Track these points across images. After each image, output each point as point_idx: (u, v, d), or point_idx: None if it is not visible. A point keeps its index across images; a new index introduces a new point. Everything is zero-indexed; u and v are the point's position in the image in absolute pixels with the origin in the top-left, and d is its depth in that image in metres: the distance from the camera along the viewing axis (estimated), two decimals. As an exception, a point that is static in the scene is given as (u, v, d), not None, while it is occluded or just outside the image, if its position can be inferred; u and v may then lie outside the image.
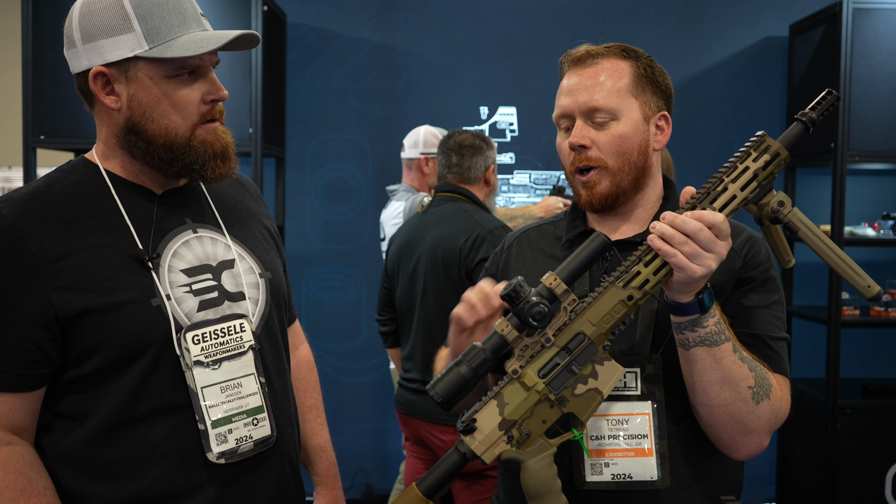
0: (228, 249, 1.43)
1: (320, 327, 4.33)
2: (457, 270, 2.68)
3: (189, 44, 1.29)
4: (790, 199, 1.25)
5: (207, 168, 1.35)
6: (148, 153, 1.33)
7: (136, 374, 1.29)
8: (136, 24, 1.28)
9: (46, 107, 3.57)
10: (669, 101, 1.48)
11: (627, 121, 1.40)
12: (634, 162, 1.41)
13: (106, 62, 1.30)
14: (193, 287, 1.36)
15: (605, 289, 1.22)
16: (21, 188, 1.34)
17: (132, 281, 1.30)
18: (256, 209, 1.58)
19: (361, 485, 4.36)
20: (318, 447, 1.66)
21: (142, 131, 1.32)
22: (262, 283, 1.46)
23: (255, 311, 1.43)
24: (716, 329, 1.25)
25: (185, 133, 1.33)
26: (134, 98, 1.31)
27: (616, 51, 1.44)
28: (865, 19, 3.69)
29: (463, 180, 2.88)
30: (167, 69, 1.30)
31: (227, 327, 1.37)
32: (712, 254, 1.19)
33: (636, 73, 1.42)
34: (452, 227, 2.74)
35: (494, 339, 1.20)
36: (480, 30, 4.30)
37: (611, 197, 1.41)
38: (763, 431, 1.32)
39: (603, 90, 1.40)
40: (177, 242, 1.37)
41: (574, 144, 1.41)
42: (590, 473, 1.35)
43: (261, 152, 3.68)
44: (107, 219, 1.33)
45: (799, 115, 1.26)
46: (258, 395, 1.39)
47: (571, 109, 1.42)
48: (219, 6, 3.60)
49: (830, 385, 3.72)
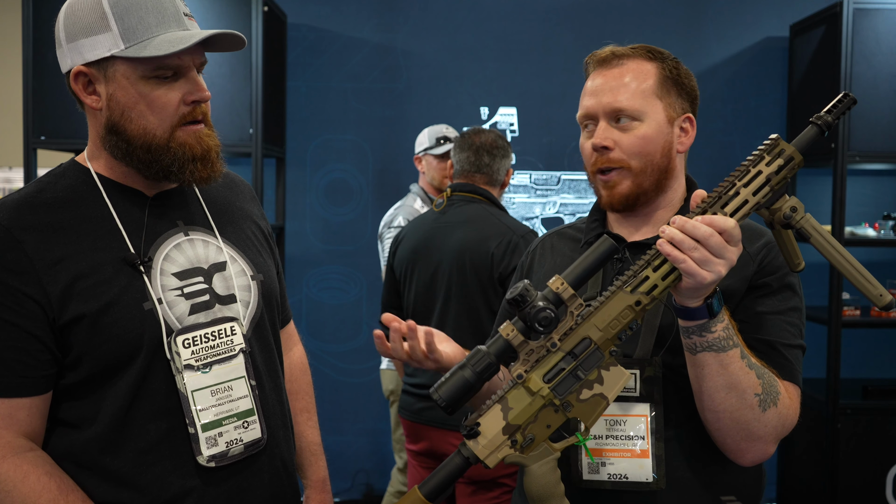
0: (220, 252, 1.43)
1: (321, 328, 4.32)
2: (488, 275, 2.61)
3: (163, 43, 1.27)
4: (803, 205, 1.22)
5: (186, 170, 1.33)
6: (128, 154, 1.33)
7: (129, 378, 1.29)
8: (113, 24, 1.27)
9: (47, 107, 3.56)
10: (695, 104, 1.47)
11: (651, 122, 1.39)
12: (657, 164, 1.40)
13: (86, 62, 1.30)
14: (185, 290, 1.36)
15: (612, 293, 1.21)
16: (12, 194, 1.34)
17: (125, 285, 1.30)
18: (250, 210, 1.57)
19: (362, 485, 4.36)
20: (309, 450, 1.65)
21: (121, 132, 1.31)
22: (253, 286, 1.45)
23: (247, 313, 1.43)
24: (724, 335, 1.24)
25: (163, 134, 1.31)
26: (113, 98, 1.30)
27: (642, 52, 1.42)
28: (866, 19, 3.69)
29: (489, 182, 2.81)
30: (144, 69, 1.29)
31: (217, 330, 1.36)
32: (722, 259, 1.17)
33: (661, 74, 1.41)
34: (481, 231, 2.66)
35: (500, 343, 1.19)
36: (481, 30, 4.29)
37: (631, 197, 1.40)
38: (769, 439, 1.30)
39: (627, 92, 1.39)
40: (168, 246, 1.37)
41: (597, 146, 1.40)
42: (587, 472, 1.35)
43: (261, 153, 3.68)
44: (99, 223, 1.32)
45: (814, 119, 1.23)
46: (249, 399, 1.38)
47: (595, 110, 1.41)
48: (219, 7, 3.60)
49: (831, 385, 3.72)
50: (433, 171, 3.58)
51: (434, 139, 3.57)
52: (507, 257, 2.60)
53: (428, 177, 3.61)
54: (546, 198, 4.32)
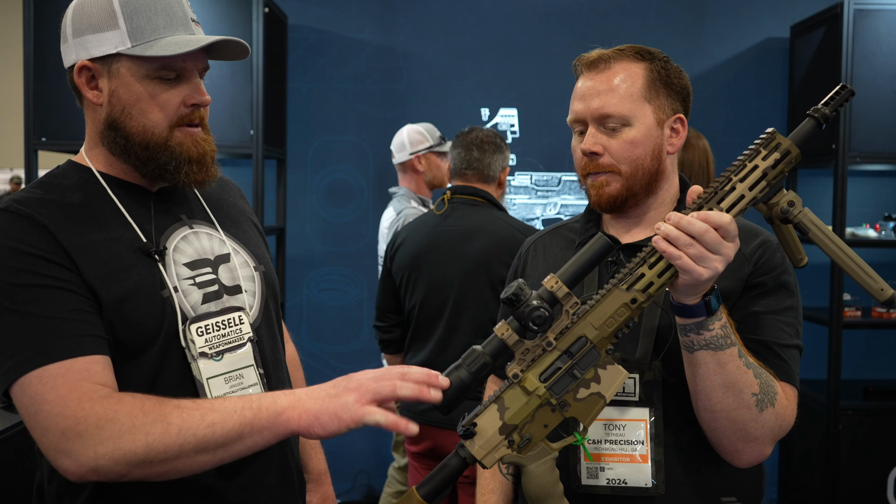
0: (223, 244, 1.45)
1: (321, 329, 4.32)
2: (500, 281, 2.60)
3: (170, 45, 1.30)
4: (800, 199, 1.21)
5: (182, 171, 1.36)
6: (126, 150, 1.35)
7: (145, 367, 1.30)
8: (122, 22, 1.30)
9: (48, 109, 3.57)
10: (686, 102, 1.45)
11: (640, 126, 1.38)
12: (647, 167, 1.39)
13: (91, 57, 1.32)
14: (197, 280, 1.38)
15: (608, 291, 1.20)
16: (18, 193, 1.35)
17: (143, 272, 1.32)
18: (243, 207, 1.60)
19: (363, 486, 4.36)
20: (308, 444, 1.67)
21: (121, 127, 1.33)
22: (257, 277, 1.48)
23: (253, 303, 1.45)
24: (722, 333, 1.23)
25: (161, 133, 1.33)
26: (115, 94, 1.32)
27: (630, 53, 1.41)
28: (866, 20, 3.68)
29: (481, 178, 2.79)
30: (148, 68, 1.31)
31: (227, 319, 1.39)
32: (719, 255, 1.16)
33: (649, 76, 1.40)
34: (492, 237, 2.65)
35: (495, 342, 1.19)
36: (481, 31, 4.29)
37: (619, 199, 1.40)
38: (766, 440, 1.29)
39: (615, 96, 1.38)
40: (176, 237, 1.39)
41: (586, 151, 1.40)
42: (585, 477, 1.35)
43: (262, 154, 3.68)
44: (108, 216, 1.34)
45: (811, 111, 1.22)
46: (258, 386, 1.40)
47: (584, 115, 1.41)
48: (220, 8, 3.60)
49: (832, 386, 3.71)
50: (435, 169, 3.53)
51: (437, 137, 3.55)
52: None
53: (428, 176, 3.54)
54: (547, 199, 4.33)
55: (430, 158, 3.53)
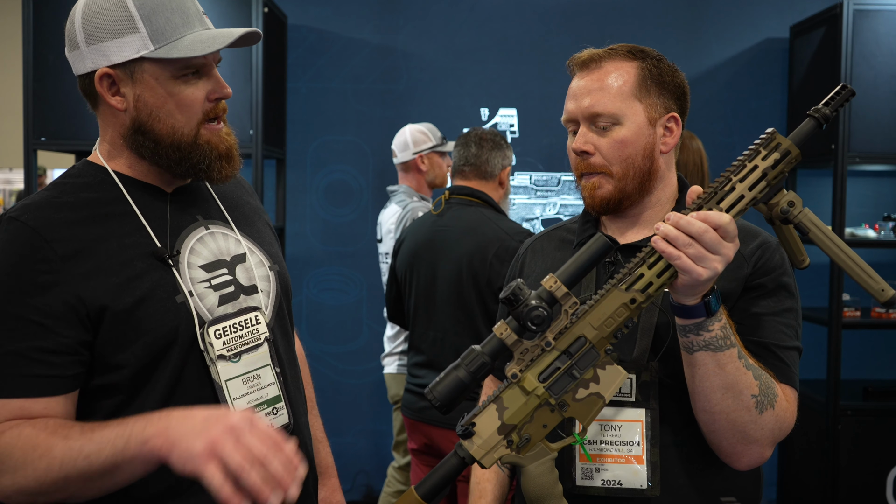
0: (239, 244, 1.45)
1: (321, 329, 4.32)
2: (486, 282, 2.61)
3: (195, 43, 1.29)
4: (801, 200, 1.20)
5: (213, 168, 1.36)
6: (156, 153, 1.34)
7: (165, 372, 1.30)
8: (141, 25, 1.28)
9: (47, 108, 3.56)
10: (682, 101, 1.44)
11: (631, 125, 1.37)
12: (639, 166, 1.38)
13: (111, 63, 1.30)
14: (213, 282, 1.38)
15: (607, 291, 1.20)
16: (33, 196, 1.34)
17: (156, 279, 1.31)
18: (256, 205, 1.60)
19: (362, 486, 4.36)
20: (316, 438, 1.67)
21: (149, 131, 1.32)
22: (272, 276, 1.48)
23: (268, 303, 1.45)
24: (721, 334, 1.23)
25: (190, 132, 1.33)
26: (140, 99, 1.31)
27: (622, 52, 1.41)
28: (866, 21, 3.69)
29: (479, 174, 2.78)
30: (173, 69, 1.30)
31: (244, 320, 1.38)
32: (718, 256, 1.16)
33: (641, 74, 1.39)
34: (478, 238, 2.65)
35: (493, 342, 1.19)
36: (481, 31, 4.29)
37: (612, 201, 1.39)
38: (765, 442, 1.29)
39: (605, 95, 1.37)
40: (192, 239, 1.39)
41: (577, 150, 1.40)
42: (580, 477, 1.34)
43: (261, 154, 3.68)
44: (123, 219, 1.33)
45: (812, 112, 1.21)
46: (276, 385, 1.40)
47: (575, 114, 1.41)
48: (219, 7, 3.60)
49: (831, 386, 3.72)
50: (437, 169, 3.52)
51: (439, 137, 3.55)
52: (506, 264, 2.58)
53: (430, 176, 3.53)
54: (546, 199, 4.33)
55: (432, 158, 3.53)
